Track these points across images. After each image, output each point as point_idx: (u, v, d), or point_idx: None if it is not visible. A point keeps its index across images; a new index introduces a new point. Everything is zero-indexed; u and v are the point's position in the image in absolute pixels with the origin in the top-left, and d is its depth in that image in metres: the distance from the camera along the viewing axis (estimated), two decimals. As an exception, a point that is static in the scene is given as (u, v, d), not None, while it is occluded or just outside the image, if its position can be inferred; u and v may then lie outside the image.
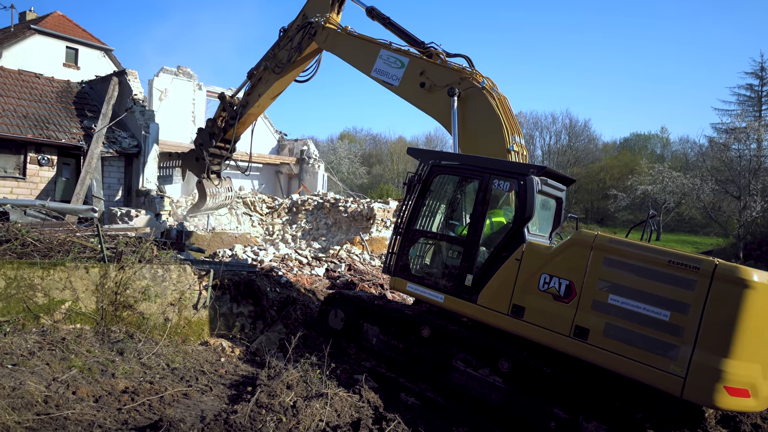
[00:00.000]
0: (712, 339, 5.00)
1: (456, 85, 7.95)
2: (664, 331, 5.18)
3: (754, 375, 5.01)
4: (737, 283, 4.94)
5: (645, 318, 5.29)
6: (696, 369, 4.99)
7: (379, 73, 8.94)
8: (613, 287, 5.53)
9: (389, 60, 8.80)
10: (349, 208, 17.91)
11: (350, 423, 5.24)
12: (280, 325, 8.77)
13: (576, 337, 5.63)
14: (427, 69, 8.38)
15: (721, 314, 4.98)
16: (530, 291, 6.04)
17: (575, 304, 5.70)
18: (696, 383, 4.99)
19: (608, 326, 5.46)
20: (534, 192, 6.26)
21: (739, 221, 33.81)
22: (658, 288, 5.28)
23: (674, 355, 5.08)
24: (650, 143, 59.67)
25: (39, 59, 23.96)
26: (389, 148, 62.95)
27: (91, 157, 16.26)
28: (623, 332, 5.38)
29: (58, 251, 7.78)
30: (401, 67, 8.66)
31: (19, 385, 5.07)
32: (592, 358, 5.54)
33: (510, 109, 7.83)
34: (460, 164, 7.17)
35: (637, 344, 5.30)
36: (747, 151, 34.81)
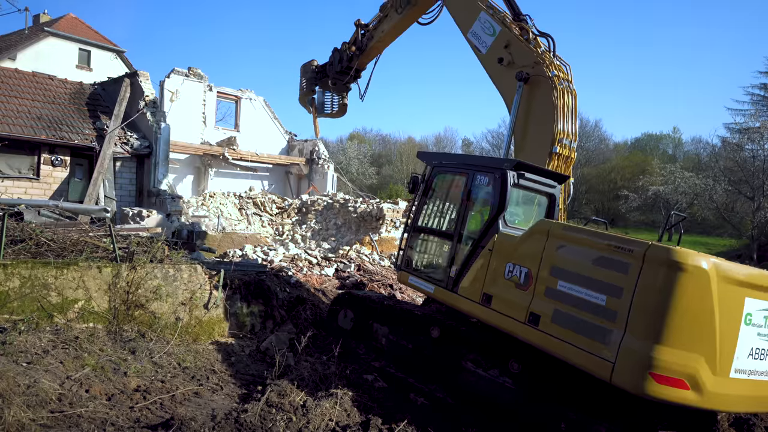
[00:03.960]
0: (641, 323, 4.79)
1: (529, 69, 7.58)
2: (600, 316, 5.05)
3: (692, 365, 4.67)
4: (669, 266, 4.69)
5: (586, 303, 5.19)
6: (624, 354, 4.81)
7: (473, 35, 8.47)
8: (562, 273, 5.49)
9: (485, 24, 8.29)
10: (358, 208, 17.94)
11: (360, 423, 5.26)
12: (290, 325, 8.80)
13: (530, 324, 5.65)
14: (512, 43, 7.90)
15: (651, 298, 4.76)
16: (498, 280, 6.19)
17: (532, 291, 5.75)
18: (623, 368, 4.80)
19: (556, 312, 5.43)
20: (507, 185, 6.45)
21: (752, 222, 33.40)
22: (599, 272, 5.16)
23: (608, 340, 4.92)
24: (662, 143, 59.12)
25: (52, 61, 24.25)
26: (398, 148, 62.92)
27: (104, 157, 16.43)
28: (568, 318, 5.31)
29: (71, 251, 7.87)
30: (492, 35, 8.19)
31: (33, 383, 5.14)
32: (541, 344, 5.54)
33: (572, 109, 7.41)
34: (455, 163, 7.59)
35: (578, 330, 5.20)
36: (761, 151, 34.37)
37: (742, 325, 4.83)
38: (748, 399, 5.01)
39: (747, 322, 4.85)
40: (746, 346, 4.86)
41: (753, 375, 4.96)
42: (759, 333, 4.94)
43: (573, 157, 7.45)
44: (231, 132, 22.84)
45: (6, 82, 17.54)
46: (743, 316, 4.83)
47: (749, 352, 4.90)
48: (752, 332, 4.89)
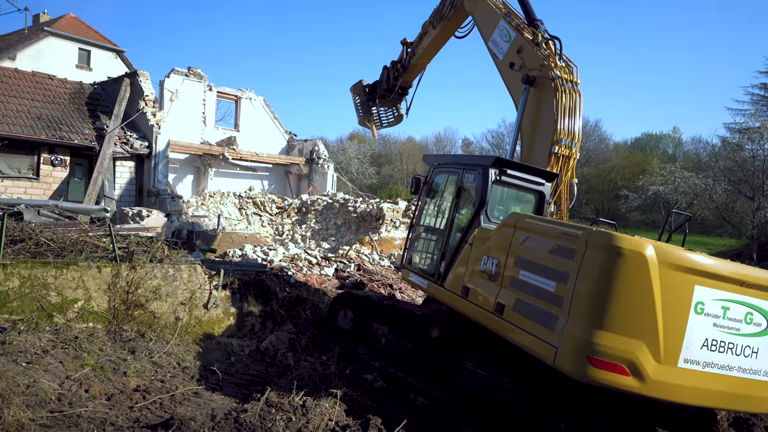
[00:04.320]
0: (582, 308, 4.80)
1: (535, 72, 7.68)
2: (550, 303, 5.09)
3: (631, 351, 4.63)
4: (608, 251, 4.69)
5: (540, 291, 5.25)
6: (565, 338, 4.84)
7: (492, 43, 8.61)
8: (524, 263, 5.58)
9: (503, 31, 8.42)
10: (358, 208, 17.93)
11: (359, 423, 5.25)
12: (290, 325, 8.80)
13: (496, 313, 5.75)
14: (524, 48, 8.03)
15: (591, 283, 4.77)
16: (475, 272, 6.35)
17: (500, 283, 5.86)
18: (564, 353, 4.83)
19: (517, 302, 5.51)
20: (488, 181, 6.68)
21: (752, 222, 33.41)
22: (552, 260, 5.23)
23: (555, 326, 4.95)
24: (662, 143, 59.13)
25: (52, 61, 24.24)
26: (398, 148, 62.95)
27: (103, 157, 16.43)
28: (526, 307, 5.38)
29: (71, 251, 7.87)
30: (508, 41, 8.32)
31: (33, 382, 5.14)
32: (505, 333, 5.63)
33: (574, 110, 7.43)
34: (450, 163, 7.82)
35: (534, 317, 5.26)
36: (761, 151, 34.38)
37: (692, 313, 4.71)
38: (706, 392, 4.84)
39: (698, 311, 4.73)
40: (699, 336, 4.75)
41: (710, 367, 4.81)
42: (716, 324, 4.79)
43: (574, 158, 7.44)
44: (231, 132, 22.84)
45: (6, 81, 17.53)
46: (693, 305, 4.71)
47: (703, 343, 4.77)
48: (706, 322, 4.76)
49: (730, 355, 4.86)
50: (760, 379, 5.00)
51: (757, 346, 4.92)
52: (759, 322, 4.91)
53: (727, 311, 4.81)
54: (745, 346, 4.89)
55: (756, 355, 4.93)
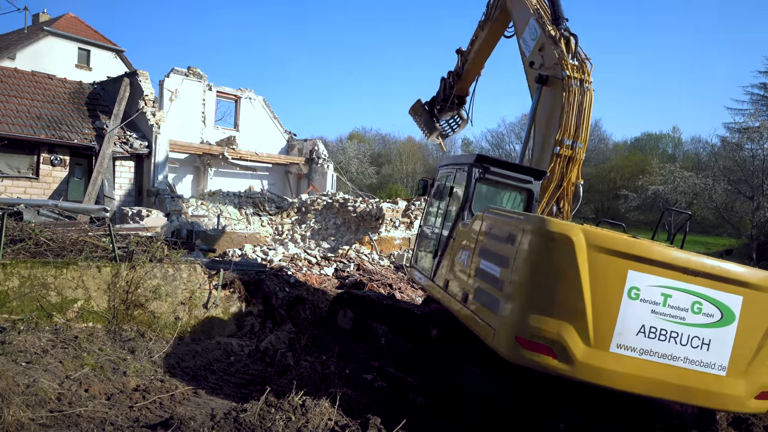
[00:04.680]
0: (515, 291, 4.90)
1: (550, 71, 7.60)
2: (495, 287, 5.19)
3: (558, 333, 4.65)
4: (538, 235, 4.78)
5: (490, 277, 5.36)
6: (500, 320, 4.93)
7: (523, 41, 8.52)
8: (484, 252, 5.73)
9: (532, 29, 8.30)
10: (358, 208, 17.94)
11: (359, 422, 5.25)
12: (290, 325, 8.80)
13: (463, 302, 5.89)
14: (545, 46, 7.89)
15: (523, 266, 4.86)
16: (454, 266, 6.52)
17: (468, 273, 5.99)
18: (499, 334, 4.91)
19: (477, 290, 5.63)
20: (471, 179, 6.85)
21: (752, 222, 33.44)
22: (501, 247, 5.33)
23: (497, 309, 5.04)
24: (661, 143, 59.15)
25: (52, 60, 24.24)
26: (398, 147, 62.94)
27: (103, 157, 16.43)
28: (481, 293, 5.51)
29: (71, 251, 7.88)
30: (534, 39, 8.22)
31: (33, 382, 5.14)
32: (467, 321, 5.73)
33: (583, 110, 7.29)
34: (448, 164, 8.06)
35: (485, 303, 5.37)
36: (760, 150, 34.41)
37: (625, 298, 4.65)
38: (646, 381, 4.74)
39: (632, 297, 4.66)
40: (634, 323, 4.68)
41: (648, 355, 4.72)
42: (655, 311, 4.70)
43: (578, 158, 7.28)
44: (230, 131, 22.84)
45: (5, 81, 17.53)
46: (626, 290, 4.65)
47: (639, 330, 4.69)
48: (643, 308, 4.68)
49: (673, 344, 4.73)
50: (713, 373, 4.79)
51: (708, 337, 4.75)
52: (710, 312, 4.74)
53: (668, 299, 4.70)
54: (692, 336, 4.74)
55: (708, 347, 4.76)
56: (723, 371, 4.79)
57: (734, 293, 4.75)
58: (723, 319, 4.76)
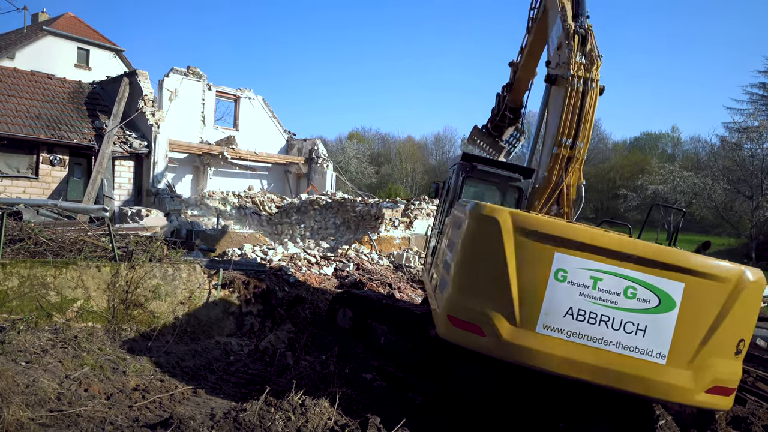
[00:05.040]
0: (452, 272, 5.08)
1: (558, 71, 7.47)
2: (447, 272, 5.36)
3: (486, 312, 4.74)
4: (470, 218, 5.01)
5: (447, 264, 5.52)
6: (441, 301, 5.11)
7: (550, 40, 8.32)
8: (447, 242, 5.97)
9: (557, 28, 8.11)
10: (357, 207, 17.94)
11: (358, 422, 5.26)
12: (289, 324, 8.81)
13: (434, 292, 6.03)
14: (561, 44, 7.70)
15: (460, 248, 5.05)
16: (437, 260, 6.73)
17: (438, 265, 6.24)
18: (438, 315, 5.08)
19: (441, 280, 5.77)
20: (459, 177, 7.17)
21: (751, 221, 33.49)
22: (454, 234, 5.59)
23: (443, 291, 5.22)
24: (661, 142, 59.18)
25: (51, 60, 24.23)
26: (398, 147, 62.94)
27: (103, 157, 16.42)
28: (441, 282, 5.66)
29: (70, 250, 7.88)
30: (557, 37, 8.04)
31: (32, 382, 5.15)
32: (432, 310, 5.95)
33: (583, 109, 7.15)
34: (452, 164, 8.31)
35: (440, 288, 5.56)
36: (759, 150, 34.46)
37: (551, 280, 4.70)
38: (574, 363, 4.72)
39: (559, 279, 4.70)
40: (561, 304, 4.70)
41: (576, 337, 4.72)
42: (583, 293, 4.69)
43: (577, 158, 7.13)
44: (230, 131, 22.83)
45: (5, 81, 17.52)
46: (552, 272, 4.69)
47: (567, 312, 4.70)
48: (571, 291, 4.69)
49: (604, 328, 4.70)
50: (650, 360, 4.71)
51: (644, 323, 4.68)
52: (646, 298, 4.68)
53: (598, 282, 4.70)
54: (625, 321, 4.69)
55: (643, 333, 4.69)
56: (662, 359, 4.69)
57: (675, 279, 4.64)
58: (661, 306, 4.67)
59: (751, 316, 4.82)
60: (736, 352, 4.77)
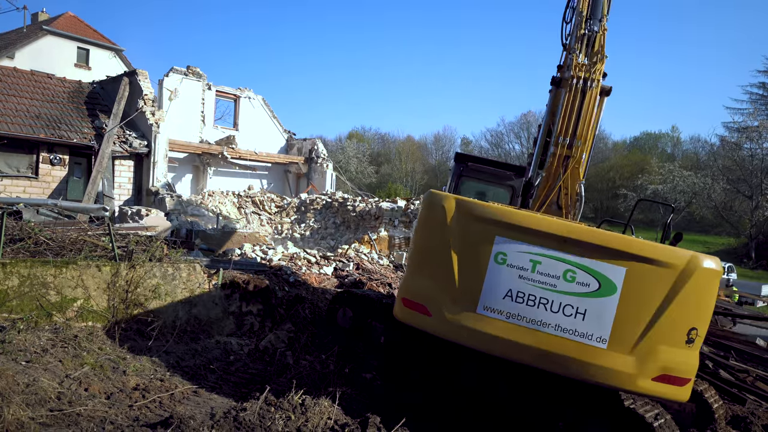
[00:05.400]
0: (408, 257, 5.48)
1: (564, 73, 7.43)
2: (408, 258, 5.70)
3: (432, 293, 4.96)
4: (423, 204, 5.27)
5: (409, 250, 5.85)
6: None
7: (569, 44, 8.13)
8: None
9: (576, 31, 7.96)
10: (357, 207, 17.94)
11: (358, 421, 5.26)
12: (289, 324, 8.81)
13: None
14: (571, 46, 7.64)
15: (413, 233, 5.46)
16: None
17: None
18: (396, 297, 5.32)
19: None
20: (454, 175, 7.43)
21: (751, 221, 33.52)
22: None
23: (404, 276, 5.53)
24: (661, 142, 59.20)
25: (51, 60, 24.23)
26: (397, 147, 62.96)
27: (102, 156, 16.42)
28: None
29: (70, 250, 7.88)
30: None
31: (33, 381, 5.15)
32: None
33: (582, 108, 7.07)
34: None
35: None
36: (759, 150, 34.48)
37: (492, 263, 4.82)
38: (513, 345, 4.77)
39: (499, 261, 4.82)
40: (501, 286, 4.80)
41: (515, 319, 4.79)
42: (522, 276, 4.77)
43: (576, 158, 6.99)
44: (230, 131, 22.83)
45: (4, 80, 17.52)
46: (492, 255, 4.82)
47: (506, 293, 4.79)
48: (510, 273, 4.78)
49: (543, 310, 4.74)
50: (590, 344, 4.68)
51: (584, 307, 4.68)
52: (586, 282, 4.68)
53: (537, 265, 4.77)
54: (564, 304, 4.71)
55: (582, 317, 4.68)
56: (603, 344, 4.67)
57: (616, 264, 4.63)
58: (601, 290, 4.67)
59: (704, 304, 4.70)
60: (687, 341, 4.67)
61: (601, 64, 7.23)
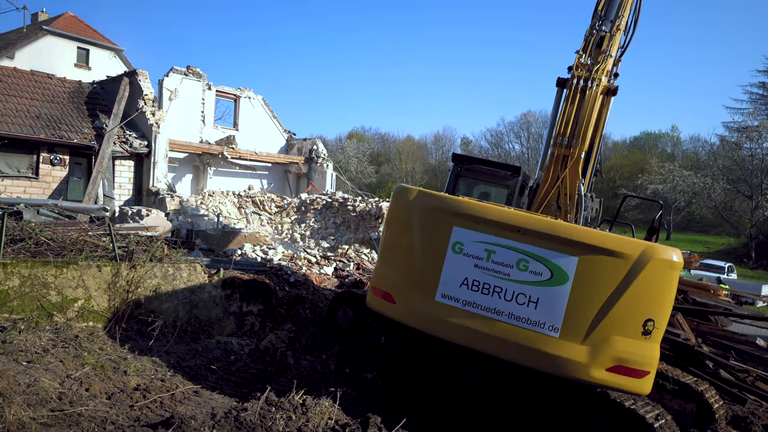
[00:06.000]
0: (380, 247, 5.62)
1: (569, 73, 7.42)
2: None
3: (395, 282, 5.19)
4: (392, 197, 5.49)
5: None
6: None
7: None
8: None
9: None
10: (357, 207, 17.94)
11: (359, 421, 5.27)
12: (290, 324, 8.81)
13: None
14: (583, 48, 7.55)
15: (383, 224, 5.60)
16: None
17: None
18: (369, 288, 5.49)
19: None
20: (451, 175, 7.51)
21: (751, 221, 33.53)
22: None
23: None
24: (661, 142, 59.19)
25: (51, 60, 24.23)
26: (397, 146, 62.96)
27: (103, 156, 16.43)
28: None
29: (71, 250, 7.88)
30: None
31: (34, 381, 5.15)
32: None
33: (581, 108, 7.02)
34: None
35: None
36: (759, 149, 34.49)
37: (450, 252, 4.98)
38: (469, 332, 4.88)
39: (456, 251, 4.98)
40: (457, 275, 4.95)
41: (471, 307, 4.91)
42: (478, 265, 4.88)
43: (575, 157, 6.96)
44: (230, 131, 22.82)
45: (4, 80, 17.52)
46: (450, 244, 4.99)
47: (463, 282, 4.93)
48: (466, 262, 4.92)
49: (497, 298, 4.83)
50: (543, 333, 4.71)
51: (536, 296, 4.73)
52: (538, 271, 4.73)
53: (491, 254, 4.88)
54: (518, 293, 4.78)
55: (535, 306, 4.73)
56: (555, 333, 4.70)
57: (567, 254, 4.66)
58: (553, 279, 4.70)
59: (661, 295, 4.64)
60: (643, 333, 4.64)
61: (604, 64, 7.21)
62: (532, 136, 57.08)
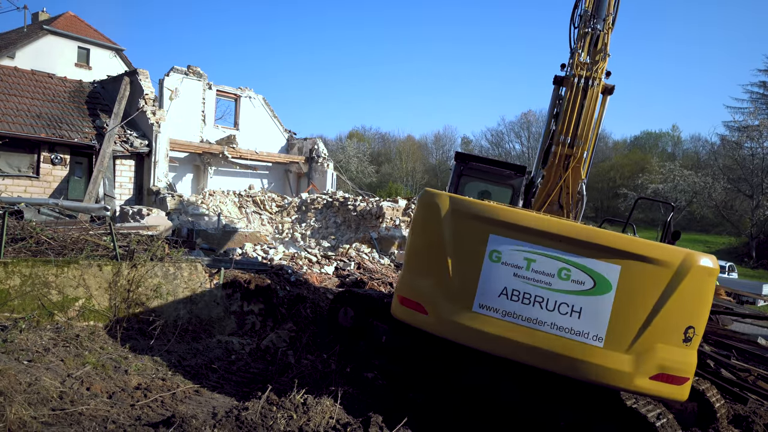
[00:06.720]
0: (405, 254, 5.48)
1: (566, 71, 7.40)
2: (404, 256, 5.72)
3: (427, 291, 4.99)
4: (418, 202, 5.35)
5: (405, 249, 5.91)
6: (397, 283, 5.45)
7: None
8: None
9: None
10: (358, 206, 17.94)
11: (360, 421, 5.26)
12: (291, 323, 8.81)
13: None
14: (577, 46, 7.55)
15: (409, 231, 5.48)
16: None
17: None
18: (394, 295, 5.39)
19: None
20: (454, 174, 7.46)
21: (751, 220, 33.51)
22: None
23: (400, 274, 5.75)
24: (661, 141, 59.19)
25: (51, 59, 24.23)
26: (398, 146, 62.97)
27: (103, 156, 16.43)
28: None
29: (72, 249, 7.88)
30: None
31: (35, 380, 5.15)
32: None
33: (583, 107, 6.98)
34: None
35: None
36: (759, 149, 34.47)
37: (486, 260, 4.83)
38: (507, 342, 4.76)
39: (494, 259, 4.83)
40: (496, 284, 4.79)
41: (510, 317, 4.78)
42: (517, 274, 4.77)
43: (577, 157, 6.96)
44: (230, 130, 22.83)
45: (5, 80, 17.52)
46: (487, 253, 4.84)
47: (501, 291, 4.79)
48: (505, 271, 4.78)
49: (538, 308, 4.73)
50: (587, 342, 4.64)
51: (579, 305, 4.65)
52: (581, 280, 4.66)
53: (531, 263, 4.76)
54: (560, 302, 4.69)
55: (579, 315, 4.66)
56: (599, 342, 4.65)
57: (611, 262, 4.61)
58: (596, 288, 4.65)
59: (700, 302, 4.66)
60: (684, 340, 4.64)
61: (603, 63, 7.20)
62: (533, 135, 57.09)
